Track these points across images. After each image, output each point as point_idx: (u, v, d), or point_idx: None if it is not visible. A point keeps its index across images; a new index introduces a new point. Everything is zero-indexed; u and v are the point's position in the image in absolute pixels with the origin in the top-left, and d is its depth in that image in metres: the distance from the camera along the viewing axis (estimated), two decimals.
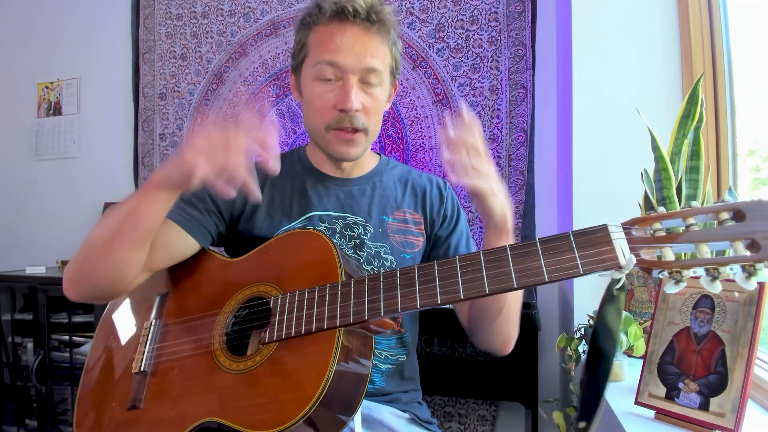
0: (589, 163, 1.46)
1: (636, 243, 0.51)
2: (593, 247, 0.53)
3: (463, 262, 0.61)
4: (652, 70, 1.43)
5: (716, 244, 0.48)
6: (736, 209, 0.48)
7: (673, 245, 0.50)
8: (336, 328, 0.66)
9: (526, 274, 0.56)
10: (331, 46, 0.84)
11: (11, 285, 2.19)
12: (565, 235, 0.55)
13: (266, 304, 0.75)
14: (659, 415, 0.85)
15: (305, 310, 0.69)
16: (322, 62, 0.85)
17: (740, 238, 0.47)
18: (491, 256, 0.59)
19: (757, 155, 1.42)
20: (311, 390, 0.62)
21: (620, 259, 0.51)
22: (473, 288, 0.59)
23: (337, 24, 0.85)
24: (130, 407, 0.78)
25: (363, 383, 0.69)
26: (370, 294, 0.66)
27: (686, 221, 0.50)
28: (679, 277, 0.49)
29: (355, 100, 0.84)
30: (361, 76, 0.86)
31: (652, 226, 0.51)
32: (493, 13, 1.98)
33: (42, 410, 2.15)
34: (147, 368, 0.80)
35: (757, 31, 1.37)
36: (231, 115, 2.39)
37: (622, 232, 0.52)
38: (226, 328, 0.77)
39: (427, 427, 0.95)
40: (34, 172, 2.70)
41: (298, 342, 0.69)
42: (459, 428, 1.99)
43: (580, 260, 0.53)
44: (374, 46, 0.86)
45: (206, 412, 0.70)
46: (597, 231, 0.53)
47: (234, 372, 0.71)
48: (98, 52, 2.58)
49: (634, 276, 1.30)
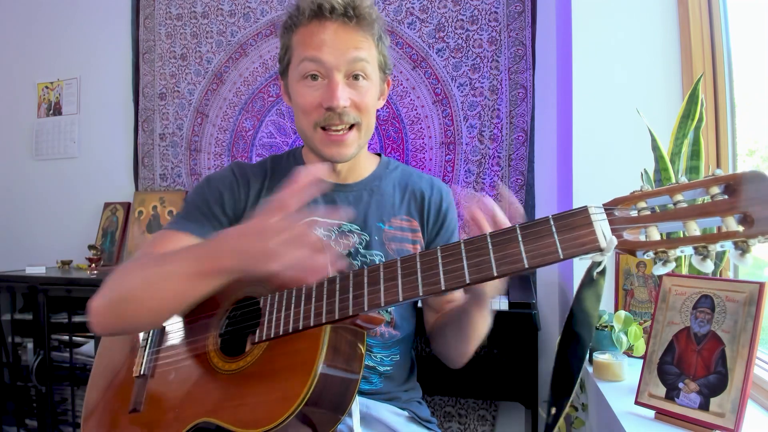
0: (589, 163, 1.46)
1: (619, 224, 0.49)
2: (573, 230, 0.50)
3: (444, 252, 0.60)
4: (652, 70, 1.43)
5: (706, 220, 0.45)
6: (727, 182, 0.44)
7: (658, 224, 0.46)
8: (322, 325, 0.66)
9: (505, 262, 0.55)
10: (312, 43, 0.84)
11: (11, 285, 2.18)
12: (545, 219, 0.53)
13: (257, 303, 0.76)
14: (659, 415, 0.85)
15: (293, 308, 0.70)
16: (305, 60, 0.85)
17: (732, 213, 0.43)
18: (471, 245, 0.58)
19: (757, 155, 1.42)
20: (299, 388, 0.63)
21: (600, 242, 0.48)
22: (454, 279, 0.58)
23: (316, 22, 0.85)
24: (132, 410, 0.79)
25: (354, 380, 0.69)
26: (355, 289, 0.66)
27: (673, 198, 0.47)
28: (666, 258, 0.45)
29: (341, 97, 0.83)
30: (347, 71, 0.85)
31: (636, 205, 0.48)
32: (493, 13, 1.98)
33: (42, 410, 2.15)
34: (147, 372, 0.81)
35: (757, 31, 1.37)
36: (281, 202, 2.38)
37: (603, 213, 0.50)
38: (220, 330, 0.78)
39: (426, 426, 0.95)
40: (34, 172, 2.70)
41: (288, 340, 0.69)
42: (459, 428, 1.99)
43: (559, 244, 0.51)
44: (357, 39, 0.85)
45: (201, 413, 0.70)
46: (577, 213, 0.51)
47: (227, 372, 0.72)
48: (98, 52, 2.58)
49: (634, 276, 1.30)
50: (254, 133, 2.32)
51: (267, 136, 2.30)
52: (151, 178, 2.49)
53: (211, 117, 2.39)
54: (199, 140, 2.42)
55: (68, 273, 2.27)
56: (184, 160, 2.44)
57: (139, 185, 2.51)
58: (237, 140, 2.35)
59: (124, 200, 2.49)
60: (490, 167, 1.99)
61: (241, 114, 2.34)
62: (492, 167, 1.99)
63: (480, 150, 2.00)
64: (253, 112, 2.32)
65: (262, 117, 2.31)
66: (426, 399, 1.03)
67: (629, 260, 1.31)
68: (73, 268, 2.39)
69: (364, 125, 0.89)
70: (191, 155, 2.43)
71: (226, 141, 2.37)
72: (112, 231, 2.46)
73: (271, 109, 2.29)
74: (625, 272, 1.31)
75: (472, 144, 2.00)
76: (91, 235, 2.49)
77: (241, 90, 2.34)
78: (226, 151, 2.37)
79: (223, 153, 2.37)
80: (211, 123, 2.39)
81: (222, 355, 0.75)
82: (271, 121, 2.29)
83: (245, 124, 2.33)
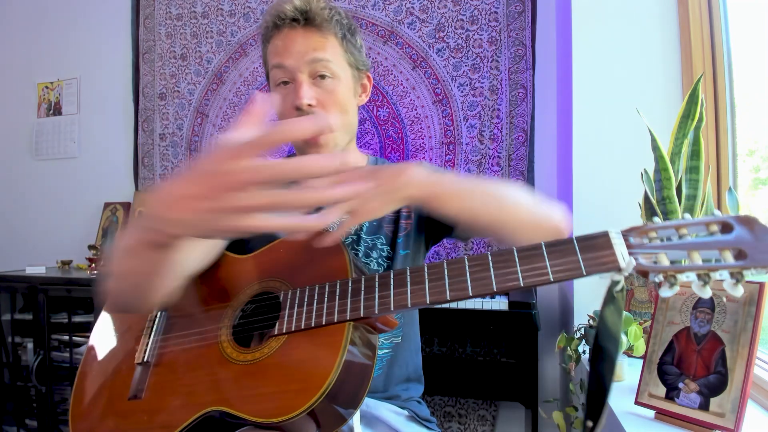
0: (589, 163, 1.46)
1: (634, 248, 0.56)
2: (595, 250, 0.57)
3: (471, 262, 0.64)
4: (652, 70, 1.43)
5: (707, 252, 0.53)
6: (723, 223, 0.53)
7: (667, 252, 0.54)
8: (346, 322, 0.67)
9: (532, 274, 0.59)
10: (276, 51, 0.90)
11: (11, 285, 2.19)
12: (569, 239, 0.59)
13: (275, 298, 0.76)
14: (659, 415, 0.85)
15: (315, 304, 0.71)
16: (274, 68, 0.91)
17: (728, 248, 0.51)
18: (499, 257, 0.62)
19: (757, 155, 1.43)
20: (319, 381, 0.63)
21: (620, 262, 0.55)
22: (481, 286, 0.62)
23: (277, 32, 0.91)
24: (131, 397, 0.78)
25: (368, 378, 0.71)
26: (381, 290, 0.68)
27: (679, 232, 0.55)
28: (674, 281, 0.53)
29: (305, 96, 0.87)
30: (310, 72, 0.89)
31: (648, 235, 0.56)
32: (493, 13, 1.98)
33: (42, 410, 2.15)
34: (150, 359, 0.80)
35: (757, 31, 1.37)
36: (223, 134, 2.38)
37: (621, 238, 0.57)
38: (234, 321, 0.78)
39: (426, 425, 0.95)
40: (34, 172, 2.70)
41: (307, 335, 0.70)
42: (459, 428, 1.99)
43: (582, 262, 0.57)
44: (315, 40, 0.89)
45: (211, 401, 0.70)
46: (599, 236, 0.58)
47: (241, 363, 0.72)
48: (98, 52, 2.58)
49: (635, 276, 1.30)
50: None
51: None
52: (151, 178, 2.49)
53: (211, 117, 2.39)
54: (199, 140, 2.42)
55: (68, 273, 2.27)
56: (184, 160, 2.44)
57: (139, 185, 2.51)
58: None
59: (124, 200, 2.49)
60: (490, 167, 1.99)
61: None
62: (492, 167, 1.99)
63: (480, 150, 2.00)
64: None
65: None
66: (426, 399, 1.03)
67: None
68: (73, 268, 2.39)
69: (340, 123, 0.91)
70: (191, 155, 2.43)
71: None
72: (112, 231, 2.46)
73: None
74: None
75: (472, 144, 2.01)
76: (91, 235, 2.49)
77: (241, 90, 2.34)
78: None
79: None
80: (211, 123, 2.39)
81: (236, 345, 0.75)
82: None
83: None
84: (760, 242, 0.51)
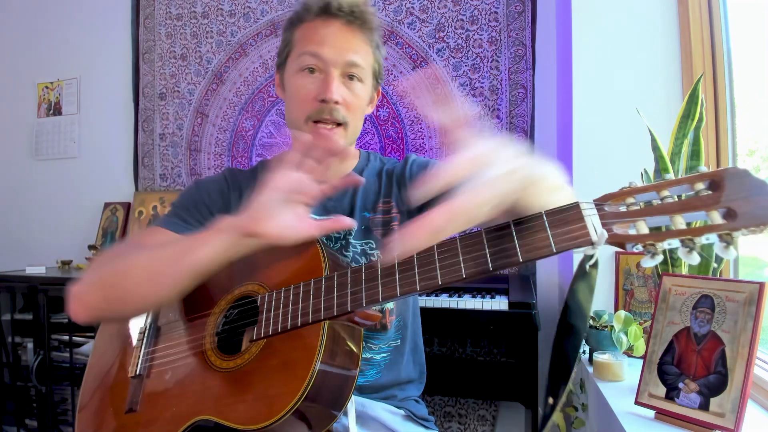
0: (589, 163, 1.46)
1: (608, 218, 0.50)
2: (565, 224, 0.52)
3: (440, 248, 0.61)
4: (652, 70, 1.43)
5: (692, 214, 0.47)
6: (711, 178, 0.47)
7: (646, 218, 0.49)
8: (321, 321, 0.67)
9: (501, 256, 0.56)
10: (315, 38, 0.88)
11: (11, 285, 2.19)
12: (539, 215, 0.54)
13: (254, 302, 0.76)
14: (659, 415, 0.85)
15: (291, 305, 0.70)
16: (306, 53, 0.88)
17: (715, 207, 0.45)
18: (467, 241, 0.59)
19: (757, 155, 1.42)
20: (298, 383, 0.63)
21: (592, 236, 0.50)
22: (450, 273, 0.59)
23: (322, 19, 0.89)
24: (128, 410, 0.79)
25: (352, 377, 0.70)
26: (353, 286, 0.67)
27: (660, 194, 0.49)
28: (654, 250, 0.47)
29: (335, 91, 0.87)
30: (343, 70, 0.89)
31: (625, 201, 0.51)
32: (493, 13, 1.98)
33: (42, 410, 2.15)
34: (143, 372, 0.81)
35: (757, 31, 1.37)
36: None
37: (594, 208, 0.51)
38: (216, 328, 0.78)
39: (423, 424, 0.94)
40: (34, 172, 2.70)
41: (286, 338, 0.70)
42: (459, 428, 1.99)
43: (552, 239, 0.52)
44: (356, 42, 0.89)
45: (198, 411, 0.71)
46: (569, 209, 0.53)
47: (224, 370, 0.72)
48: (98, 52, 2.58)
49: (634, 276, 1.30)
50: (254, 133, 2.32)
51: (267, 136, 2.30)
52: (151, 178, 2.49)
53: (211, 117, 2.39)
54: (199, 140, 2.42)
55: (68, 273, 2.27)
56: (184, 160, 2.44)
57: (139, 185, 2.51)
58: (237, 140, 2.35)
59: (124, 200, 2.49)
60: None
61: (241, 114, 2.34)
62: None
63: None
64: (253, 112, 2.32)
65: (262, 117, 2.31)
66: (426, 399, 1.03)
67: (629, 260, 1.31)
68: (73, 268, 2.39)
69: (351, 126, 0.91)
70: (191, 155, 2.43)
71: (226, 141, 2.37)
72: (112, 231, 2.46)
73: (271, 109, 2.29)
74: (625, 272, 1.31)
75: None
76: (91, 235, 2.49)
77: (241, 90, 2.34)
78: (226, 151, 2.37)
79: (223, 153, 2.37)
80: (211, 123, 2.39)
81: (219, 353, 0.75)
82: (271, 121, 2.29)
83: (245, 124, 2.33)
84: (753, 198, 0.44)
